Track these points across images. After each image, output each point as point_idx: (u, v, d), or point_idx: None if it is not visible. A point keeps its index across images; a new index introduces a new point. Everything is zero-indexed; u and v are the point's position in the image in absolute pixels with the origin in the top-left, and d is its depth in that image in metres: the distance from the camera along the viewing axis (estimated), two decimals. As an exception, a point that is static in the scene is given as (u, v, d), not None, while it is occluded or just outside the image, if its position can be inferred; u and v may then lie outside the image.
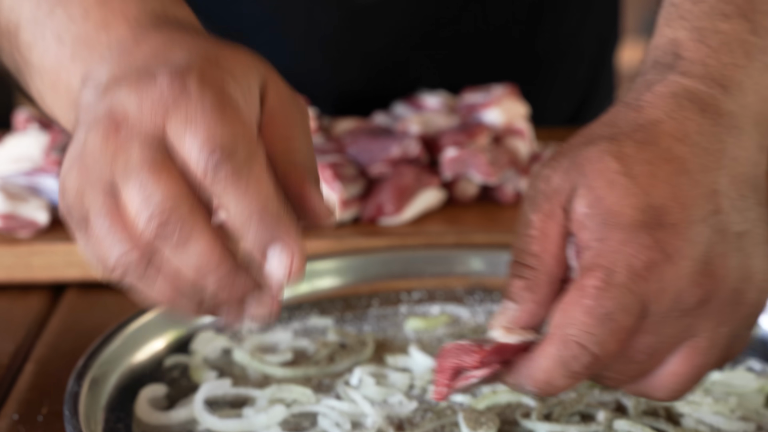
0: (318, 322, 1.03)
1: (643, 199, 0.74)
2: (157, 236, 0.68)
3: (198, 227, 0.68)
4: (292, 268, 0.70)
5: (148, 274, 0.70)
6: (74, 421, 0.81)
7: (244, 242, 0.69)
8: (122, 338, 0.93)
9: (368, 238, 1.14)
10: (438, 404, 0.91)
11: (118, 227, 0.69)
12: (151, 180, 0.68)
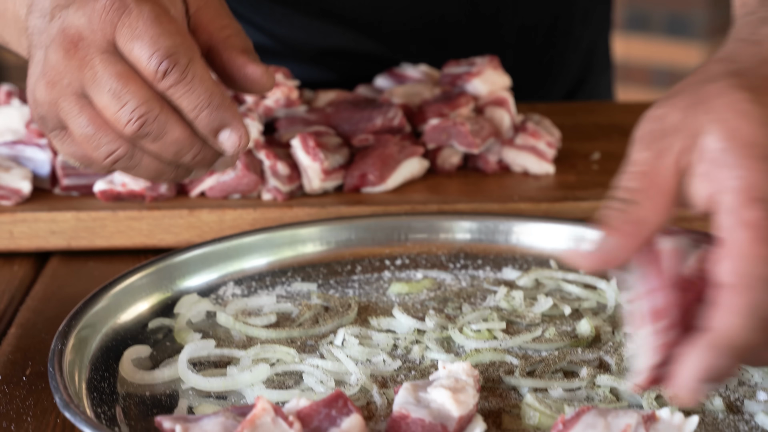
0: (301, 287, 1.03)
1: None
2: (137, 134, 0.84)
3: (170, 120, 0.84)
4: (240, 143, 0.87)
5: (134, 162, 0.86)
6: (58, 377, 0.81)
7: (198, 129, 0.86)
8: (107, 299, 0.93)
9: (352, 206, 1.14)
10: (422, 362, 0.91)
11: (101, 129, 0.85)
12: (122, 88, 0.83)
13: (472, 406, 0.81)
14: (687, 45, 4.04)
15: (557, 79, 1.56)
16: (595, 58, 1.59)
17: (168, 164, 0.87)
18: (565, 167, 1.24)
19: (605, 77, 1.63)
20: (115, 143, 0.85)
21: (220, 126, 0.86)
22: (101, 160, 0.86)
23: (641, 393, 0.80)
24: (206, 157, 0.87)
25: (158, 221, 1.12)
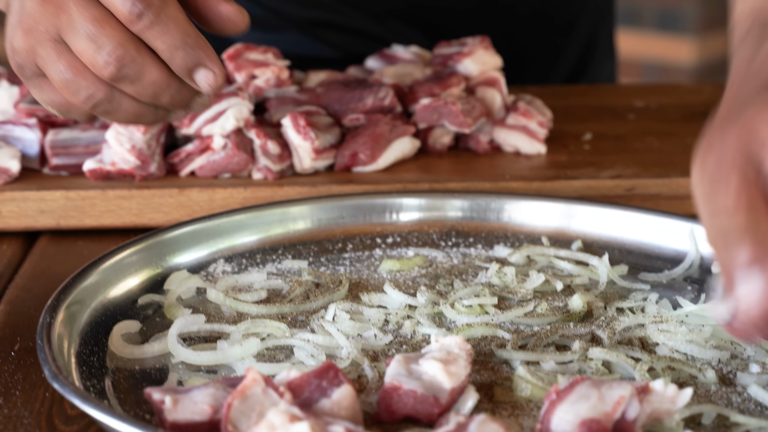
0: (292, 265, 1.02)
1: None
2: (115, 77, 0.86)
3: (147, 62, 0.86)
4: (216, 82, 0.88)
5: (113, 105, 0.88)
6: (47, 349, 0.80)
7: (174, 69, 0.87)
8: (96, 275, 0.92)
9: (343, 185, 1.14)
10: (413, 337, 0.91)
11: (80, 74, 0.86)
12: (98, 32, 0.84)
13: (463, 377, 0.81)
14: (678, 39, 4.04)
15: (554, 66, 1.56)
16: (596, 47, 1.59)
17: (146, 106, 0.89)
18: (556, 147, 1.24)
19: (607, 66, 1.62)
20: (93, 87, 0.87)
21: (196, 65, 0.87)
22: (81, 105, 0.88)
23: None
24: (184, 97, 0.89)
25: (148, 200, 1.11)
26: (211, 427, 0.76)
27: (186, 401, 0.77)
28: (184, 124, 1.15)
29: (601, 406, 0.76)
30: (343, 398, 0.78)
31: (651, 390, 0.77)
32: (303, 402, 0.77)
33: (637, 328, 0.92)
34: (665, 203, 1.14)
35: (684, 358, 0.87)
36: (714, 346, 0.89)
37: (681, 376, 0.85)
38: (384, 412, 0.80)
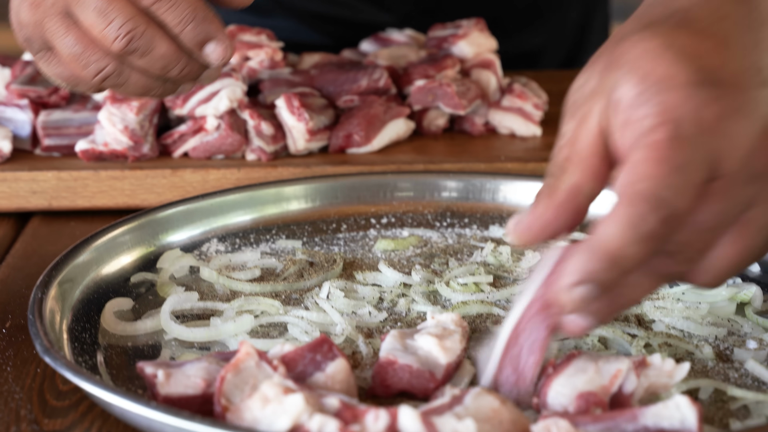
0: (286, 244, 1.02)
1: (695, 62, 0.70)
2: (125, 51, 0.86)
3: (157, 35, 0.86)
4: (225, 55, 0.89)
5: (122, 78, 0.88)
6: (38, 324, 0.79)
7: (183, 42, 0.87)
8: (89, 252, 0.91)
9: (337, 166, 1.13)
10: (408, 314, 0.90)
11: (89, 47, 0.86)
12: (107, 6, 0.84)
13: (459, 352, 0.80)
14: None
15: (546, 53, 1.55)
16: (589, 34, 1.58)
17: (156, 79, 0.89)
18: (552, 130, 1.23)
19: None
20: (103, 61, 0.87)
21: (205, 39, 0.87)
22: (90, 78, 0.88)
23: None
24: (192, 70, 0.89)
25: (141, 181, 1.11)
26: (204, 400, 0.75)
27: (179, 375, 0.76)
28: (177, 104, 1.14)
29: (598, 379, 0.75)
30: (338, 372, 0.77)
31: (649, 364, 0.77)
32: (297, 376, 0.76)
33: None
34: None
35: (680, 335, 0.87)
36: (711, 323, 0.88)
37: (678, 352, 0.84)
38: (379, 386, 0.79)
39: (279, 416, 0.71)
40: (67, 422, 0.77)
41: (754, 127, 0.70)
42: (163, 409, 0.70)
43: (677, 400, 0.72)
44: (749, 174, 0.70)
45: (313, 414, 0.70)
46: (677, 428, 0.71)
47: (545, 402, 0.75)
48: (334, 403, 0.72)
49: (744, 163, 0.70)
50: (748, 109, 0.70)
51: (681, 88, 0.69)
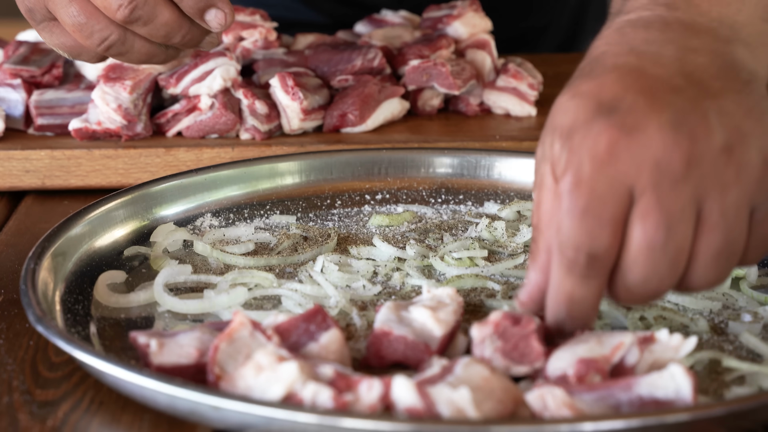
0: (280, 220, 1.01)
1: (593, 100, 0.74)
2: (128, 20, 0.88)
3: (159, 3, 0.89)
4: (226, 20, 0.91)
5: (126, 46, 0.91)
6: (31, 294, 0.79)
7: (185, 10, 0.90)
8: (82, 225, 0.91)
9: (331, 146, 1.13)
10: (402, 288, 0.90)
11: (93, 17, 0.88)
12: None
13: (453, 323, 0.80)
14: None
15: (542, 37, 1.55)
16: (585, 18, 1.58)
17: (158, 46, 0.92)
18: (547, 110, 1.21)
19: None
20: (107, 30, 0.89)
21: (206, 6, 0.90)
22: (94, 47, 0.90)
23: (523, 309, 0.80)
24: (194, 36, 0.92)
25: (134, 160, 1.10)
26: (197, 370, 0.75)
27: (172, 345, 0.76)
28: (170, 84, 1.14)
29: (599, 349, 0.75)
30: (331, 342, 0.77)
31: (655, 339, 0.76)
32: (290, 346, 0.76)
33: (629, 279, 0.91)
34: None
35: (675, 309, 0.86)
36: (706, 297, 0.88)
37: (672, 325, 0.84)
38: (373, 357, 0.79)
39: (273, 384, 0.70)
40: (60, 392, 0.77)
41: (654, 135, 0.71)
42: (156, 376, 0.70)
43: (672, 370, 0.72)
44: (668, 180, 0.71)
45: (307, 382, 0.70)
46: (672, 398, 0.71)
47: (544, 369, 0.75)
48: (328, 372, 0.72)
49: (656, 174, 0.71)
50: (644, 124, 0.72)
51: (581, 128, 0.73)
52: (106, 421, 0.74)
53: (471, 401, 0.69)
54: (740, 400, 0.69)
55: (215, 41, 0.95)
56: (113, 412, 0.74)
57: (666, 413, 0.67)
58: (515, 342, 0.76)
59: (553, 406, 0.70)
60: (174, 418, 0.73)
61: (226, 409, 0.68)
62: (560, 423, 0.66)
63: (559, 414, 0.69)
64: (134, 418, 0.74)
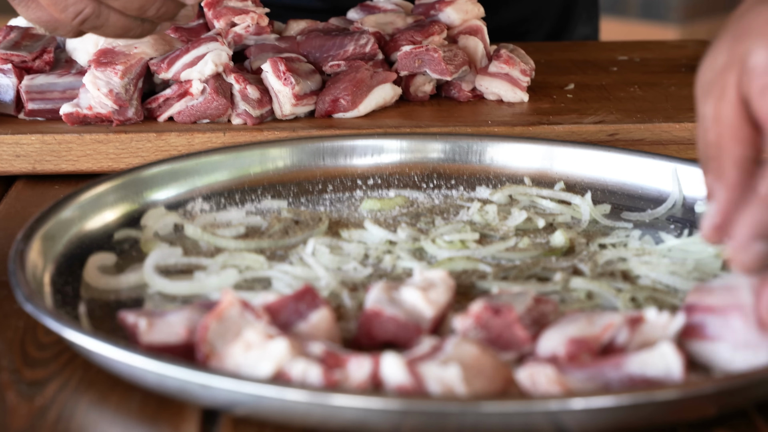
0: (271, 204, 1.01)
1: None
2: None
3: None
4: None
5: (101, 20, 0.91)
6: (19, 273, 0.79)
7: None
8: (72, 207, 0.91)
9: (323, 131, 1.12)
10: (394, 270, 0.90)
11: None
12: None
13: (444, 304, 0.80)
14: (662, 29, 4.04)
15: (531, 27, 1.54)
16: (574, 8, 1.57)
17: (134, 20, 0.92)
18: (539, 96, 1.23)
19: (588, 28, 1.60)
20: (81, 3, 0.89)
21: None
22: (69, 21, 0.90)
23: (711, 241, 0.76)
24: (169, 10, 0.92)
25: (125, 145, 1.10)
26: (187, 349, 0.75)
27: (161, 324, 0.76)
28: (162, 69, 1.14)
29: (590, 328, 0.75)
30: (321, 321, 0.76)
31: (644, 320, 0.76)
32: (280, 325, 0.76)
33: (620, 261, 0.91)
34: (648, 149, 1.13)
35: (666, 289, 0.86)
36: (696, 278, 0.88)
37: (663, 306, 0.84)
38: (364, 336, 0.78)
39: (262, 361, 0.70)
40: (48, 372, 0.76)
41: None
42: (145, 354, 0.70)
43: (662, 349, 0.72)
44: None
45: (296, 359, 0.70)
46: (662, 376, 0.71)
47: (535, 349, 0.75)
48: (317, 349, 0.71)
49: None
50: None
51: None
52: (94, 400, 0.73)
53: (461, 379, 0.68)
54: (731, 378, 0.69)
55: (190, 14, 0.95)
56: (102, 391, 0.74)
57: (656, 390, 0.67)
58: (498, 332, 0.76)
59: (544, 383, 0.70)
60: (163, 398, 0.73)
61: (214, 386, 0.67)
62: (550, 400, 0.66)
63: (549, 392, 0.69)
64: (123, 397, 0.73)
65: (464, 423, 0.65)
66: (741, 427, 0.71)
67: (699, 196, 1.00)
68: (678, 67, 1.34)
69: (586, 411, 0.65)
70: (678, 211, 1.00)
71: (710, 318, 0.76)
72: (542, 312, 0.79)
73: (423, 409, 0.65)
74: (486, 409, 0.65)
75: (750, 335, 0.74)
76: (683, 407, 0.68)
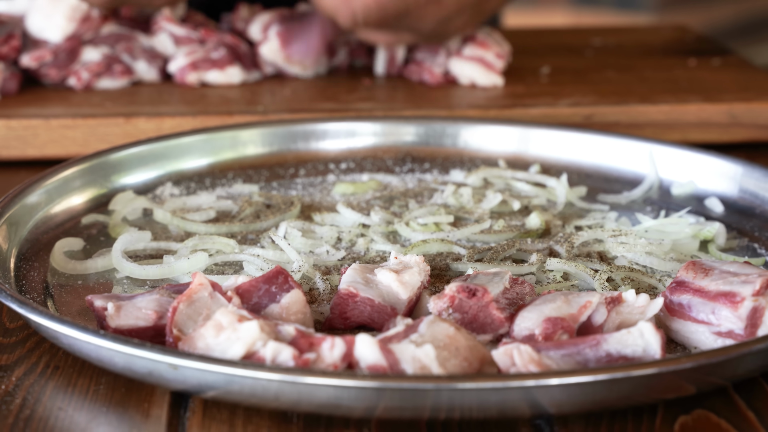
0: (243, 189, 1.00)
1: None
2: None
3: None
4: None
5: None
6: (-17, 257, 0.77)
7: None
8: (38, 191, 0.89)
9: (295, 113, 1.11)
10: (366, 253, 0.88)
11: None
12: None
13: (418, 285, 0.78)
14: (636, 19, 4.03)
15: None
16: None
17: None
18: (513, 80, 1.21)
19: None
20: None
21: None
22: None
23: None
24: None
25: (93, 130, 1.08)
26: (156, 332, 0.73)
27: (129, 307, 0.74)
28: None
29: (567, 308, 0.74)
30: (293, 303, 0.75)
31: (622, 300, 0.75)
32: (251, 307, 0.74)
33: (596, 243, 0.89)
34: (624, 131, 1.11)
35: (643, 269, 0.85)
36: (674, 259, 0.86)
37: (640, 286, 0.83)
38: (338, 318, 0.77)
39: (233, 343, 0.69)
40: (14, 357, 0.74)
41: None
42: (112, 336, 0.68)
43: (641, 327, 0.70)
44: None
45: (268, 341, 0.68)
46: (640, 355, 0.70)
47: (511, 330, 0.73)
48: (289, 331, 0.70)
49: None
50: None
51: None
52: (61, 385, 0.71)
53: (435, 358, 0.67)
54: (707, 354, 0.67)
55: None
56: (69, 376, 0.72)
57: (632, 367, 0.65)
58: (474, 314, 0.75)
59: (520, 362, 0.68)
60: (132, 381, 0.71)
61: (184, 367, 0.66)
62: (526, 378, 0.65)
63: (526, 370, 0.68)
64: (90, 381, 0.72)
65: (440, 401, 0.64)
66: (720, 406, 0.70)
67: (675, 178, 0.99)
68: (653, 51, 1.34)
69: (563, 388, 0.64)
70: (654, 193, 0.99)
71: (698, 300, 0.75)
72: (518, 293, 0.78)
73: (398, 387, 0.64)
74: (462, 385, 0.63)
75: (736, 326, 0.73)
76: (661, 384, 0.67)
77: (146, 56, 1.20)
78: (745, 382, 0.72)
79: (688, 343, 0.75)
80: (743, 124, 1.12)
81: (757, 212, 0.93)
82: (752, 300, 0.73)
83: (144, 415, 0.69)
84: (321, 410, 0.66)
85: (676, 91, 1.16)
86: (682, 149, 1.00)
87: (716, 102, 1.13)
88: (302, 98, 1.15)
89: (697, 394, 0.70)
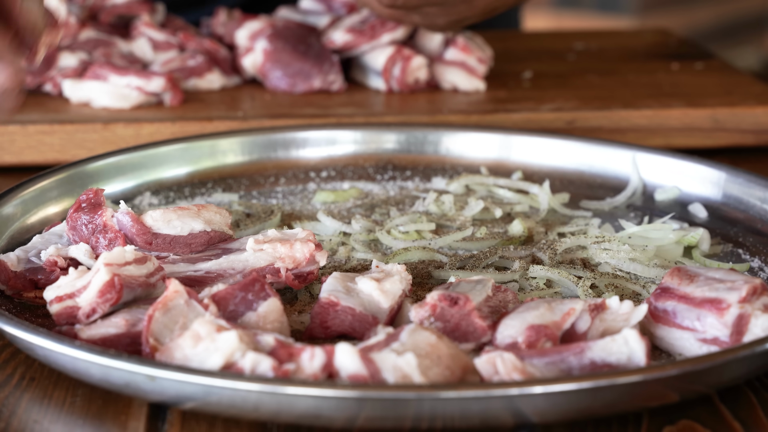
0: (222, 198, 0.98)
1: None
2: None
3: None
4: (5, 84, 0.81)
5: None
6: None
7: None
8: (14, 202, 0.88)
9: (274, 120, 1.10)
10: (347, 262, 0.87)
11: None
12: None
13: (399, 293, 0.77)
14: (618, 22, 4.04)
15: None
16: None
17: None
18: (495, 85, 1.21)
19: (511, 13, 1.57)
20: None
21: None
22: None
23: None
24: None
25: (71, 136, 1.07)
26: (131, 341, 0.72)
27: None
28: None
29: (550, 315, 0.73)
30: (270, 311, 0.74)
31: (606, 307, 0.74)
32: (228, 315, 0.73)
33: (579, 249, 0.89)
34: (607, 137, 1.11)
35: (627, 276, 0.84)
36: (657, 265, 0.86)
37: (624, 293, 0.82)
38: (318, 327, 0.76)
39: (211, 354, 0.68)
40: (-11, 370, 0.73)
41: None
42: (89, 348, 0.67)
43: (626, 334, 0.70)
44: None
45: (247, 352, 0.67)
46: (624, 363, 0.69)
47: (494, 338, 0.72)
48: (269, 341, 0.69)
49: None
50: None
51: None
52: (37, 397, 0.70)
53: (417, 367, 0.66)
54: (692, 361, 0.67)
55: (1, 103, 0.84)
56: (45, 387, 0.71)
57: (617, 375, 0.65)
58: (456, 322, 0.74)
59: (503, 370, 0.67)
60: (109, 393, 0.70)
61: (162, 378, 0.65)
62: (510, 386, 0.64)
63: (509, 378, 0.67)
64: (67, 393, 0.71)
65: (422, 410, 0.63)
66: (706, 416, 0.69)
67: (659, 184, 0.99)
68: (635, 55, 1.33)
69: (546, 396, 0.63)
70: (638, 199, 0.99)
71: (683, 307, 0.74)
72: (501, 300, 0.77)
73: (379, 396, 0.63)
74: (444, 394, 0.62)
75: (722, 333, 0.73)
76: (645, 392, 0.66)
77: (124, 62, 1.18)
78: (730, 392, 0.71)
79: (673, 350, 0.75)
80: (727, 129, 1.12)
81: (741, 218, 0.93)
82: (738, 307, 0.73)
83: (121, 428, 0.68)
84: (301, 421, 0.65)
85: (659, 96, 1.16)
86: (666, 155, 0.99)
87: (699, 107, 1.12)
88: (282, 103, 1.14)
89: (682, 403, 0.69)
